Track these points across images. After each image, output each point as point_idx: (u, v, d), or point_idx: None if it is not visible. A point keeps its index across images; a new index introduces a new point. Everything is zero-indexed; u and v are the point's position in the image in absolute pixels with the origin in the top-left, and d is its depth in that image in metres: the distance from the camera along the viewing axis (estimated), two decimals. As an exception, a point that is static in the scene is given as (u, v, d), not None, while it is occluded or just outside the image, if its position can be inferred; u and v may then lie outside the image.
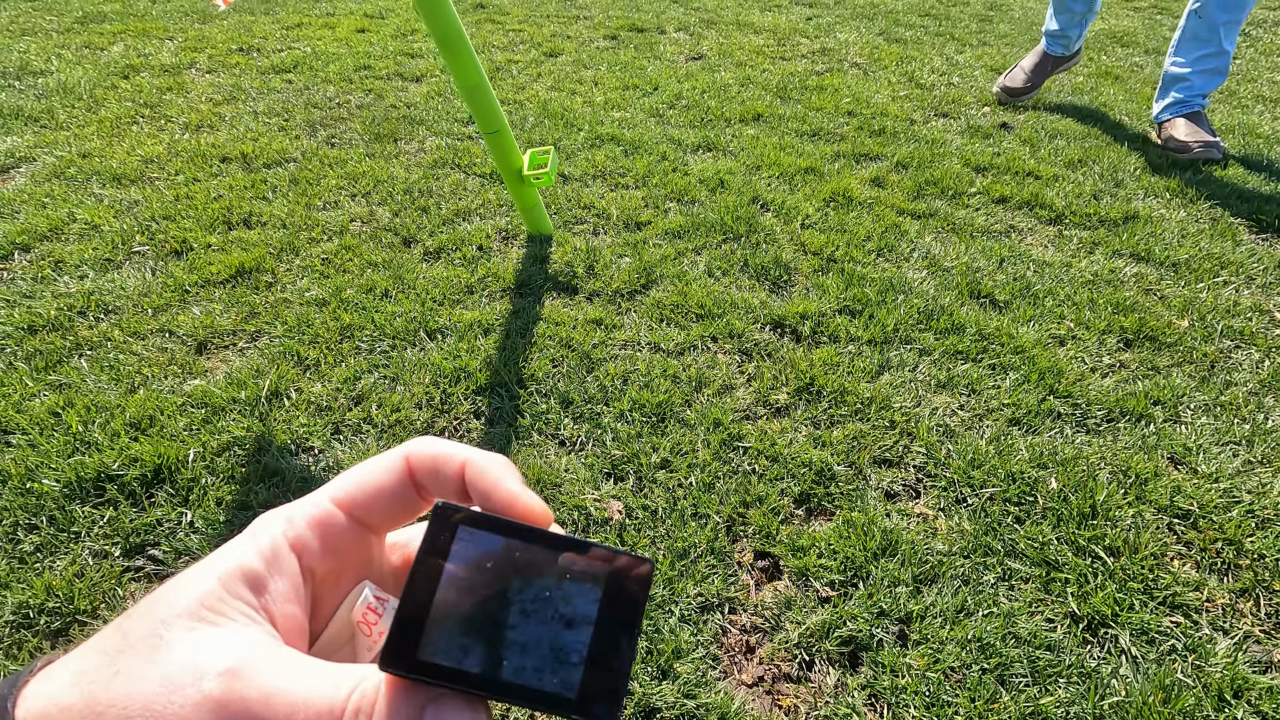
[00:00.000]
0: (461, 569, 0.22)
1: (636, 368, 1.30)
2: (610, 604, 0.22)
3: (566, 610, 0.22)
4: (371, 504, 0.24)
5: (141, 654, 0.21)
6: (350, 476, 0.24)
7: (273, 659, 0.21)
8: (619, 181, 2.08)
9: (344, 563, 0.24)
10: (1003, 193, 2.03)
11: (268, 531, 0.23)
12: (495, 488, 0.23)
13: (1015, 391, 1.26)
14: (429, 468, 0.24)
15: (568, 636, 0.21)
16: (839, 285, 1.56)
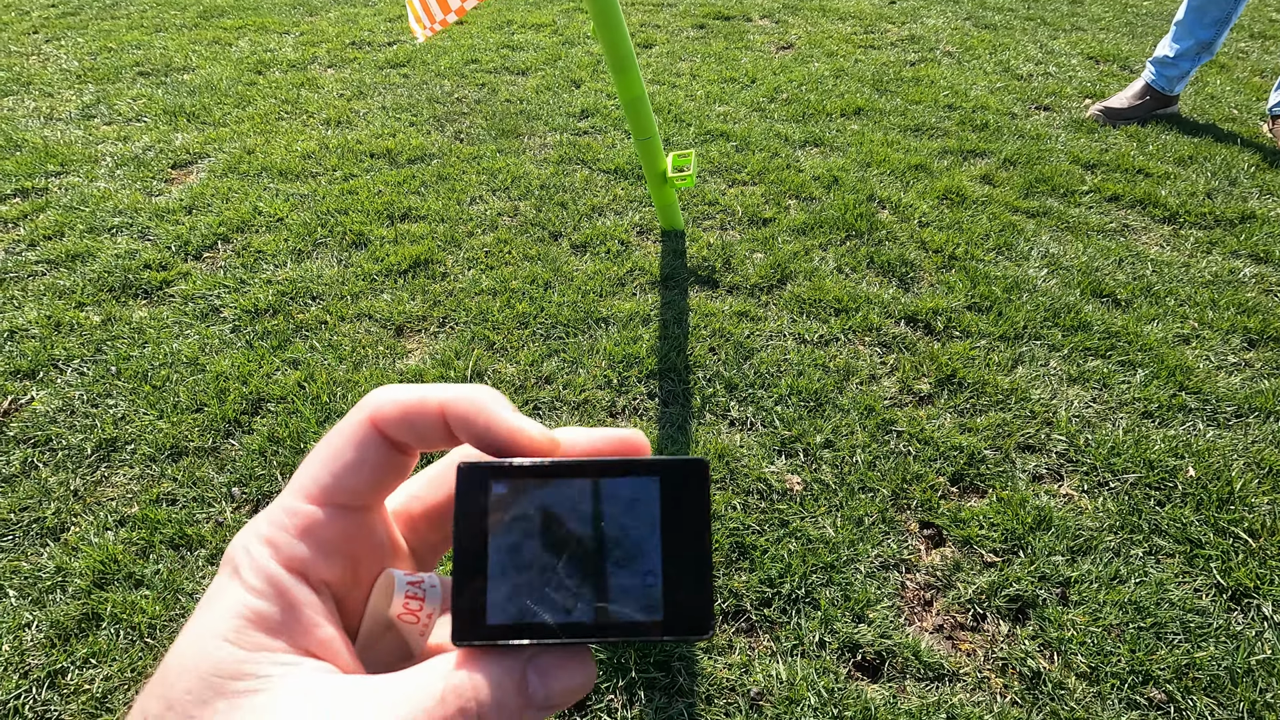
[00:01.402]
0: (505, 523, 0.21)
1: (787, 357, 1.45)
2: (672, 515, 0.21)
3: (628, 534, 0.21)
4: (350, 486, 0.21)
5: None
6: (315, 465, 0.21)
7: (338, 696, 0.19)
8: (736, 178, 2.21)
9: (351, 555, 0.22)
10: (1114, 191, 2.09)
11: (251, 565, 0.20)
12: (494, 424, 0.21)
13: (1146, 387, 1.36)
14: (401, 423, 0.21)
15: (637, 560, 0.21)
16: (965, 283, 1.67)
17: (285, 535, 0.21)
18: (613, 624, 0.20)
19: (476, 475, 0.21)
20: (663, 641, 0.20)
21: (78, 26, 3.75)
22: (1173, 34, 2.43)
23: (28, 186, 2.12)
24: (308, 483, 0.21)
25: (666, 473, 0.21)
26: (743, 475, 1.18)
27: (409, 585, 0.22)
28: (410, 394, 0.21)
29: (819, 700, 0.87)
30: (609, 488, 0.21)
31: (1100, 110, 2.54)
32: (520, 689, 0.19)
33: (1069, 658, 0.93)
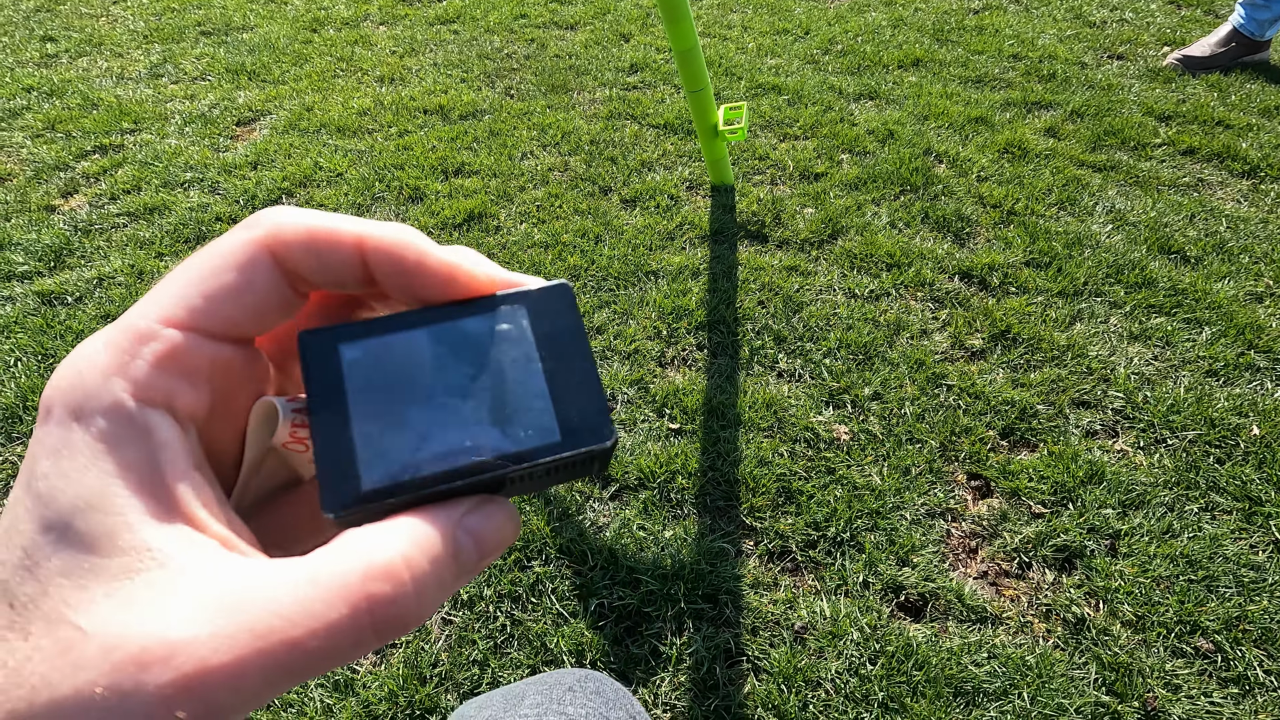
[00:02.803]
0: (366, 385, 0.19)
1: (837, 311, 1.45)
2: (546, 340, 0.20)
3: (505, 365, 0.20)
4: (226, 314, 0.18)
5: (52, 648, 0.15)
6: (180, 284, 0.18)
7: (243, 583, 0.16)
8: (787, 132, 2.18)
9: (221, 388, 0.18)
10: (1190, 143, 1.98)
11: (98, 404, 0.16)
12: (426, 260, 0.19)
13: (1212, 345, 1.32)
14: (306, 253, 0.18)
15: (519, 390, 0.19)
16: (1024, 238, 1.63)
17: (140, 364, 0.17)
18: (510, 455, 0.19)
19: (323, 341, 0.19)
20: (565, 459, 0.19)
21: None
22: None
23: (105, 144, 2.23)
24: (168, 303, 0.17)
25: (530, 301, 0.20)
26: (790, 424, 1.20)
27: (294, 412, 0.20)
28: (319, 220, 0.18)
29: (861, 636, 0.90)
30: (475, 325, 0.20)
31: (1178, 59, 2.39)
32: (453, 555, 0.17)
33: (1115, 606, 0.94)
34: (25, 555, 0.16)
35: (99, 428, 0.16)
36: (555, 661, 0.89)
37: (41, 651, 0.15)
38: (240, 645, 0.15)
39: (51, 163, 2.12)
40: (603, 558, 1.00)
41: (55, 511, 0.16)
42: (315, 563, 0.16)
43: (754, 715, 0.84)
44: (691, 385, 1.29)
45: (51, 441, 0.16)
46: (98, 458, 0.16)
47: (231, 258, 0.18)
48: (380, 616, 0.16)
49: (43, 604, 0.15)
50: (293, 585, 0.16)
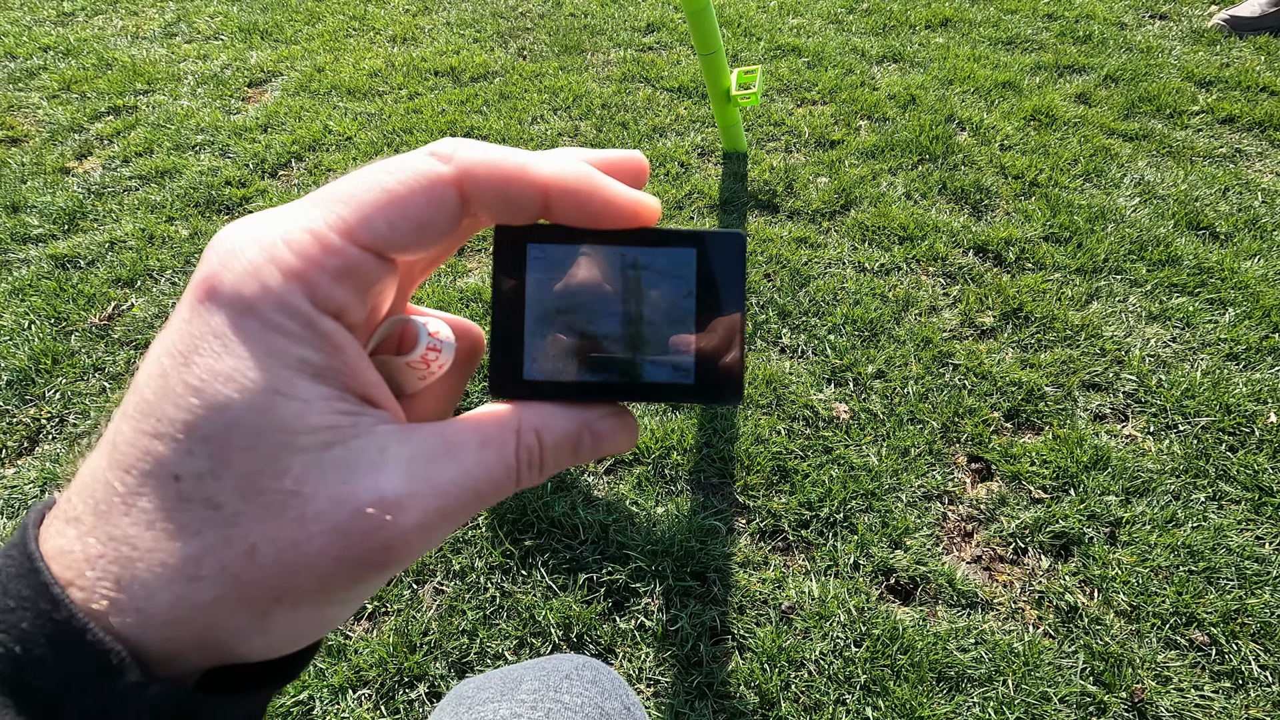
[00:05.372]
0: (542, 285, 0.21)
1: (845, 285, 1.42)
2: (706, 283, 0.21)
3: (665, 299, 0.21)
4: (405, 244, 0.19)
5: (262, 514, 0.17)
6: (369, 203, 0.18)
7: (416, 446, 0.18)
8: (805, 96, 2.11)
9: (375, 303, 0.20)
10: (1230, 111, 1.89)
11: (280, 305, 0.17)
12: (612, 202, 0.20)
13: (1236, 327, 1.27)
14: (495, 192, 0.19)
15: (672, 327, 0.21)
16: (1044, 211, 1.57)
17: (323, 277, 0.18)
18: (645, 385, 0.21)
19: (515, 238, 0.21)
20: (693, 404, 0.21)
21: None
22: None
23: (119, 105, 2.23)
24: (353, 219, 0.18)
25: (705, 244, 0.21)
26: (789, 402, 1.18)
27: (430, 337, 0.22)
28: (509, 159, 0.19)
29: (848, 617, 0.90)
30: (647, 256, 0.21)
31: (1225, 19, 2.26)
32: (575, 444, 0.21)
33: (1110, 595, 0.92)
34: (190, 430, 0.17)
35: (279, 326, 0.17)
36: (543, 634, 0.90)
37: (250, 515, 0.17)
38: (447, 495, 0.18)
39: (67, 124, 2.13)
40: (594, 532, 1.00)
41: (227, 392, 0.17)
42: (484, 430, 0.19)
43: (735, 693, 0.85)
44: (692, 360, 1.28)
45: (222, 328, 0.17)
46: (276, 351, 0.17)
47: (421, 189, 0.19)
48: (522, 479, 0.20)
49: (225, 476, 0.17)
50: (476, 448, 0.19)
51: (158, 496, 0.17)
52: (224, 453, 0.17)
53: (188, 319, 0.18)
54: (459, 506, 0.19)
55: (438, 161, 0.19)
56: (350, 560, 0.17)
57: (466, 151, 0.19)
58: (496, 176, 0.19)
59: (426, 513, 0.18)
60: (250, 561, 0.17)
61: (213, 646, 0.17)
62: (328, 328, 0.18)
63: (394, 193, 0.18)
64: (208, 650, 0.17)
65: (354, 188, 0.19)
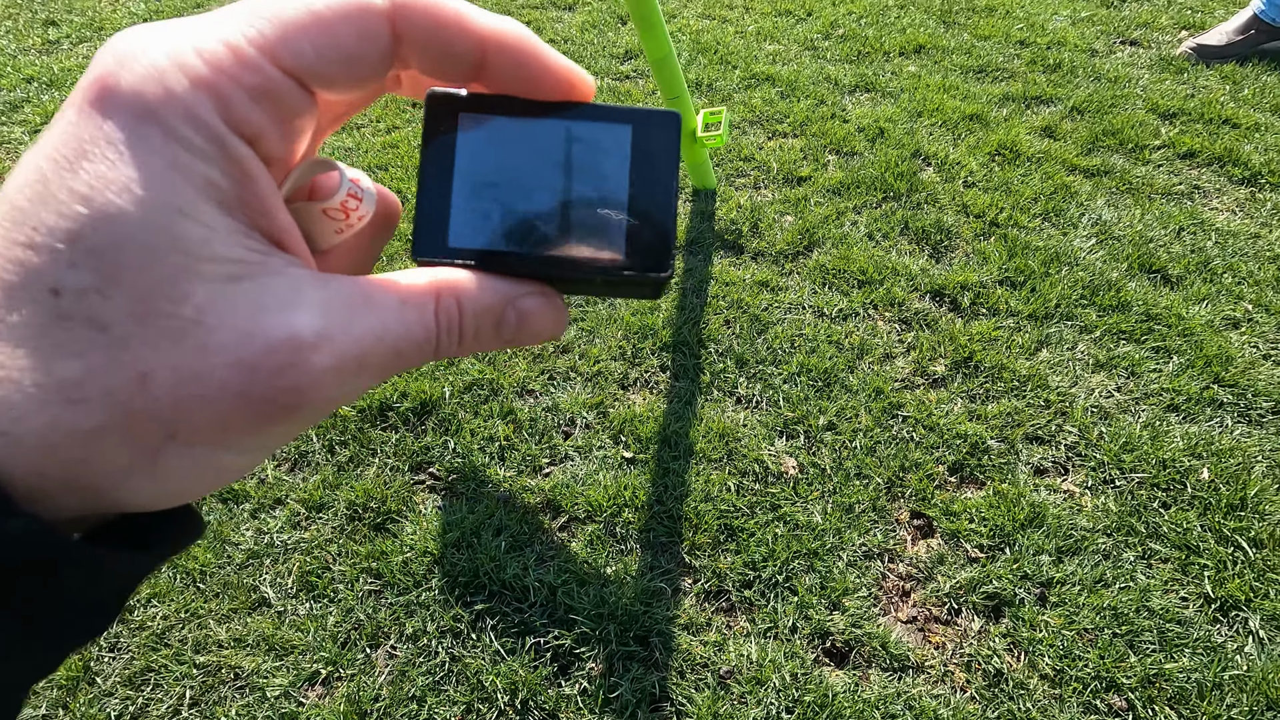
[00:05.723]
0: (473, 152, 0.21)
1: (803, 332, 1.45)
2: (640, 160, 0.21)
3: (596, 174, 0.21)
4: (329, 74, 0.17)
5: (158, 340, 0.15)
6: (293, 24, 0.17)
7: (330, 295, 0.17)
8: (776, 129, 2.14)
9: (290, 134, 0.18)
10: (1191, 145, 1.91)
11: (190, 118, 0.16)
12: (548, 66, 0.20)
13: (1178, 377, 1.31)
14: (429, 32, 0.18)
15: (603, 200, 0.21)
16: (1001, 254, 1.60)
17: (237, 90, 0.16)
18: (574, 259, 0.20)
19: (445, 102, 0.20)
20: (622, 278, 0.20)
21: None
22: None
23: (100, 140, 2.26)
24: (276, 37, 0.17)
25: (639, 121, 0.21)
26: (740, 456, 1.22)
27: (351, 183, 0.21)
28: (447, 3, 0.18)
29: (782, 683, 0.94)
30: (581, 130, 0.21)
31: (1193, 47, 2.28)
32: (497, 318, 0.20)
33: (1035, 659, 0.96)
34: (69, 240, 0.15)
35: (185, 139, 0.16)
36: (490, 700, 0.94)
37: (143, 340, 0.15)
38: (363, 344, 0.17)
39: (48, 161, 2.17)
40: (544, 594, 1.04)
41: (121, 203, 0.15)
42: (403, 290, 0.18)
43: (671, 760, 0.88)
44: (650, 411, 1.31)
45: (117, 133, 0.15)
46: (180, 166, 0.15)
47: (353, 17, 0.17)
48: (441, 346, 0.19)
49: (115, 295, 0.15)
50: (396, 305, 0.18)
51: (30, 311, 0.15)
52: (115, 269, 0.15)
53: (75, 122, 0.15)
54: (377, 360, 0.18)
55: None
56: (256, 398, 0.16)
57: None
58: (433, 18, 0.18)
59: (343, 357, 0.17)
60: (141, 389, 0.15)
61: (90, 487, 0.15)
62: (240, 151, 0.16)
63: (322, 16, 0.17)
64: (84, 492, 0.15)
65: (278, 5, 0.17)
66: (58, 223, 0.15)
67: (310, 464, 1.25)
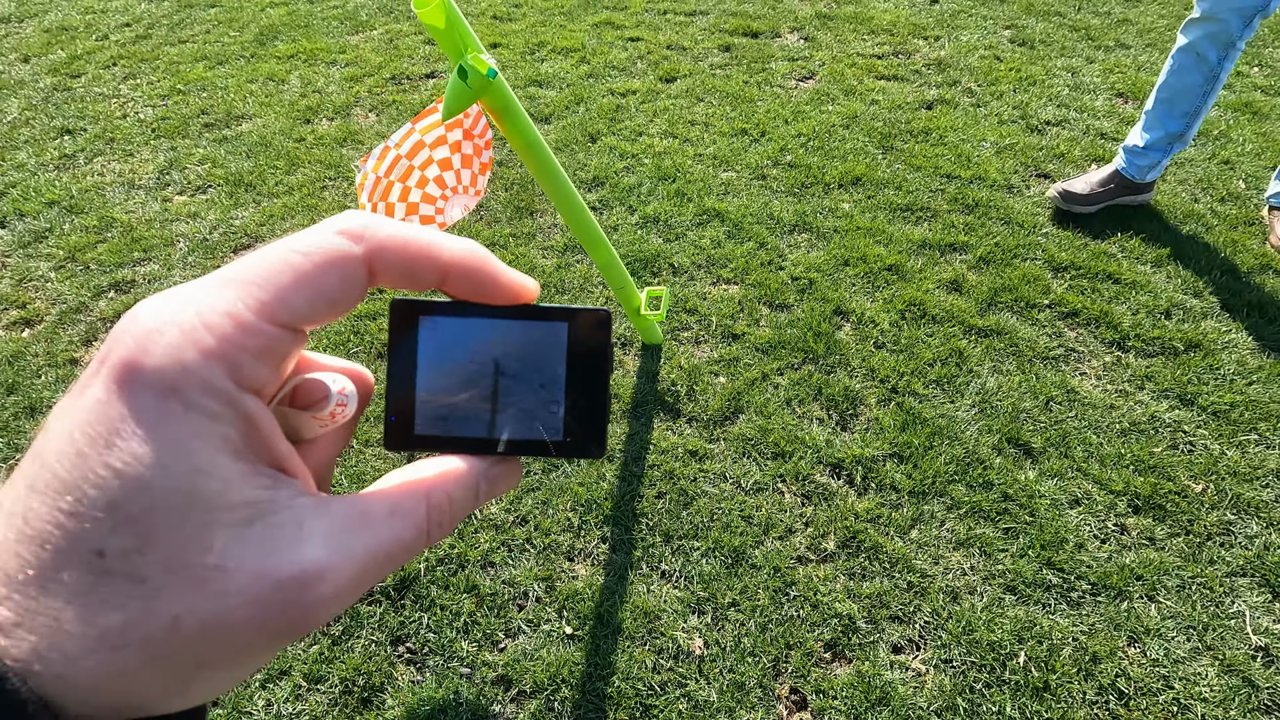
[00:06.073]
0: (432, 352, 0.25)
1: (721, 505, 1.74)
2: (577, 355, 0.25)
3: (539, 367, 0.25)
4: (320, 316, 0.21)
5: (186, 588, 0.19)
6: (288, 283, 0.21)
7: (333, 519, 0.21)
8: (721, 274, 2.42)
9: (285, 369, 0.22)
10: (1074, 305, 2.20)
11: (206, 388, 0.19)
12: (499, 280, 0.24)
13: (1018, 559, 1.60)
14: (401, 269, 0.22)
15: (545, 390, 0.25)
16: (895, 425, 1.89)
17: (244, 357, 0.20)
18: (521, 441, 0.25)
19: (407, 310, 0.25)
20: (561, 458, 0.29)
21: (149, 57, 4.08)
22: (1143, 123, 2.40)
23: (119, 279, 2.54)
24: (271, 300, 0.21)
25: (574, 319, 0.25)
26: (659, 634, 1.51)
27: (338, 394, 0.24)
28: (415, 240, 0.22)
29: None
30: (524, 329, 0.25)
31: (1059, 192, 2.53)
32: (474, 493, 0.24)
33: (867, 826, 1.25)
34: (113, 509, 0.18)
35: (202, 407, 0.19)
36: None
37: (173, 590, 0.19)
38: (362, 564, 0.21)
39: (73, 304, 2.44)
40: (495, 766, 1.33)
41: (152, 476, 0.18)
42: (393, 499, 0.23)
43: None
44: (589, 585, 1.60)
45: (143, 411, 0.19)
46: (200, 433, 0.19)
47: (334, 268, 0.21)
48: (432, 537, 0.23)
49: (150, 552, 0.18)
50: (385, 517, 0.22)
51: (79, 571, 0.18)
52: (149, 531, 0.18)
53: (105, 400, 0.19)
54: (374, 572, 0.21)
55: (348, 241, 0.22)
56: (271, 630, 0.20)
57: (375, 231, 0.22)
58: (405, 256, 0.22)
59: (344, 582, 0.21)
60: (174, 633, 0.18)
61: (130, 708, 0.19)
62: (248, 406, 0.20)
63: (306, 273, 0.21)
64: (123, 710, 0.19)
65: (266, 268, 0.21)
66: (98, 495, 0.18)
67: (310, 635, 1.54)
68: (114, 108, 3.62)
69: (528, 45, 3.97)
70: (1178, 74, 2.23)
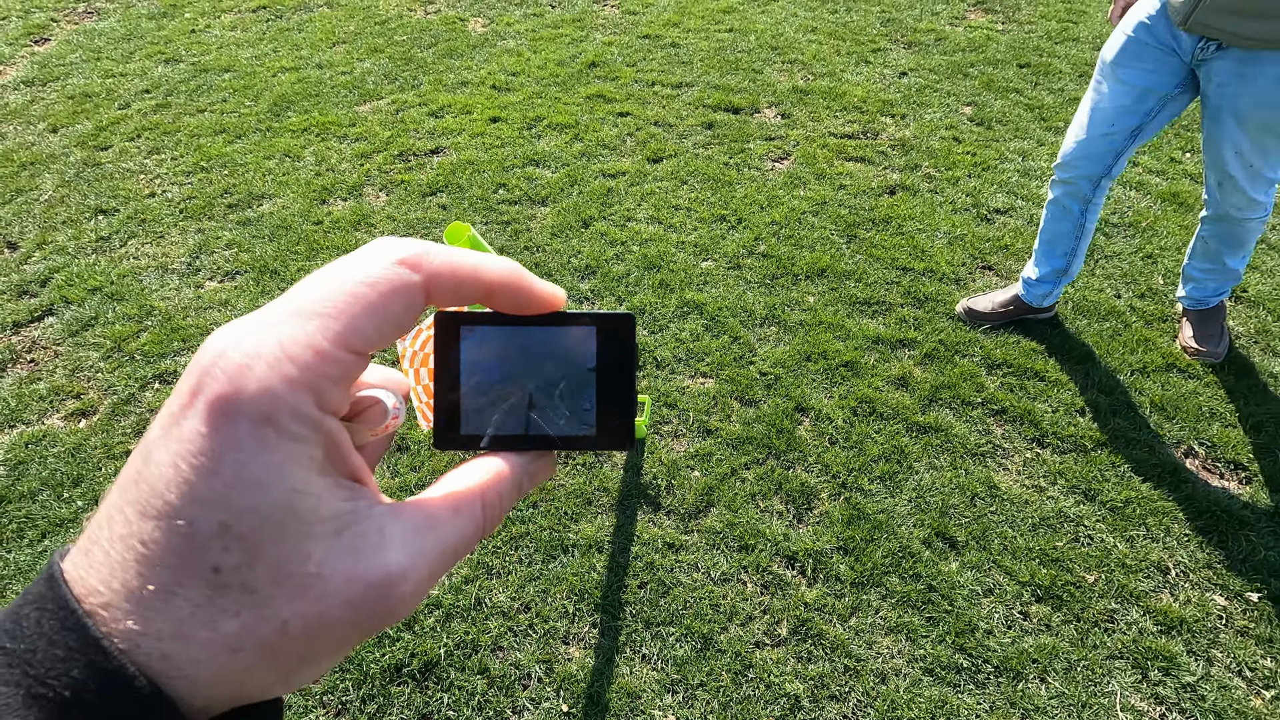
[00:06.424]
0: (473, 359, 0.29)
1: (694, 593, 2.07)
2: (605, 356, 0.29)
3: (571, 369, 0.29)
4: (386, 340, 0.25)
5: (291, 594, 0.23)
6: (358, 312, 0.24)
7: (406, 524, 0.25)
8: (698, 368, 2.75)
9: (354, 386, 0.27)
10: (1004, 403, 2.54)
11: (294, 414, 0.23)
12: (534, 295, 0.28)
13: (936, 645, 1.93)
14: (452, 290, 0.26)
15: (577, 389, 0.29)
16: (842, 519, 2.22)
17: (326, 384, 0.24)
18: (557, 437, 0.29)
19: (451, 322, 0.29)
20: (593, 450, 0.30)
21: (171, 129, 4.37)
22: (1033, 258, 2.68)
23: (162, 369, 2.84)
24: (345, 330, 0.24)
25: (601, 324, 0.30)
26: (640, 712, 1.84)
27: (393, 409, 0.28)
28: (464, 264, 0.26)
29: None
30: (556, 334, 0.29)
31: (965, 309, 2.83)
32: (519, 486, 0.30)
33: None
34: (224, 529, 0.22)
35: (293, 432, 0.23)
36: None
37: (280, 597, 0.22)
38: (435, 561, 0.26)
39: (123, 395, 2.75)
40: (506, 828, 1.66)
41: (256, 497, 0.22)
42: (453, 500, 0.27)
43: None
44: (583, 666, 1.93)
45: (242, 439, 0.22)
46: (294, 457, 0.23)
47: (399, 297, 0.25)
48: (487, 530, 0.28)
49: (258, 566, 0.22)
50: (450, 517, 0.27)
51: (198, 585, 0.22)
52: (256, 547, 0.22)
53: (205, 432, 0.22)
54: (445, 566, 0.26)
55: (408, 270, 0.25)
56: (363, 626, 0.24)
57: (431, 260, 0.26)
58: (455, 279, 0.26)
59: (421, 579, 0.25)
60: (283, 635, 0.23)
61: (243, 697, 0.23)
62: (330, 426, 0.24)
63: (374, 303, 0.25)
64: (237, 700, 0.23)
65: (336, 299, 0.24)
66: (210, 517, 0.22)
67: (349, 713, 1.86)
68: (142, 185, 3.92)
69: (525, 120, 4.28)
70: (1052, 221, 2.56)
